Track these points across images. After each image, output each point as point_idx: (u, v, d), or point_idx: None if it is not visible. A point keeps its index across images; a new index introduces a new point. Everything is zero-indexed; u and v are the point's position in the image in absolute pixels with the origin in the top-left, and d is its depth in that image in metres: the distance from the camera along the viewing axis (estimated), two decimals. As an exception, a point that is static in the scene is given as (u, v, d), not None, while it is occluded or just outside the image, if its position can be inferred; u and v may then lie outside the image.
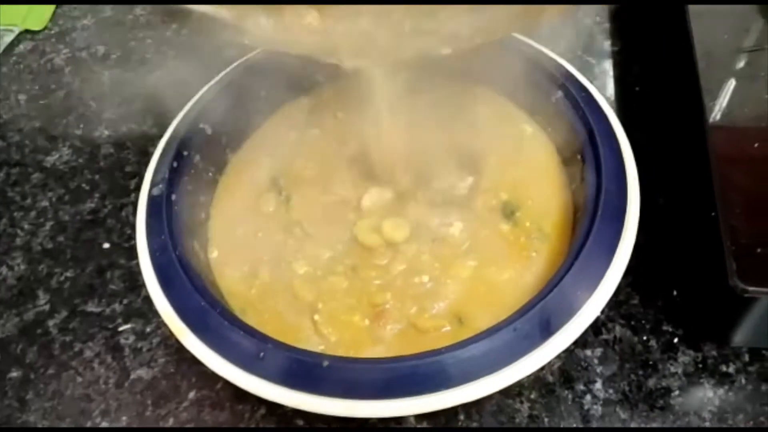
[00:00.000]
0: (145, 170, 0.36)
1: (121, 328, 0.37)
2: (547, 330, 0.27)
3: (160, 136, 0.47)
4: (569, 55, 0.48)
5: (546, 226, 0.33)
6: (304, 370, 0.27)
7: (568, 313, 0.27)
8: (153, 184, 0.34)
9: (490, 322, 0.28)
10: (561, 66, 0.36)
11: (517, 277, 0.32)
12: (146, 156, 0.45)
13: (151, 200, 0.33)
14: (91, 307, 0.38)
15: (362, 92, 0.34)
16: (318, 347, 0.31)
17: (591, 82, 0.36)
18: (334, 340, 0.31)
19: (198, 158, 0.36)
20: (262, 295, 0.33)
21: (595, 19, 0.52)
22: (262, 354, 0.27)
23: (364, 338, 0.31)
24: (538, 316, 0.27)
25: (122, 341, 0.37)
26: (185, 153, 0.35)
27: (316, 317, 0.32)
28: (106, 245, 0.41)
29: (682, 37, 0.38)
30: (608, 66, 0.48)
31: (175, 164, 0.35)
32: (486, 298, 0.31)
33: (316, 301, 0.32)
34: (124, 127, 0.48)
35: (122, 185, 0.44)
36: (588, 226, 0.29)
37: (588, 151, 0.32)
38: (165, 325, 0.30)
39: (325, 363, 0.27)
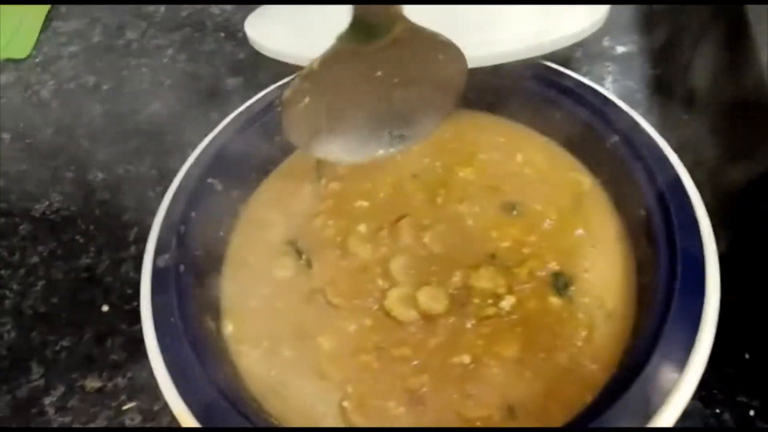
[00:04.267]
0: (144, 220, 0.32)
1: (125, 407, 0.33)
2: (627, 432, 0.23)
3: (160, 179, 0.43)
4: (613, 83, 0.44)
5: (608, 302, 0.29)
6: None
7: (648, 410, 0.23)
8: (158, 252, 0.30)
9: (546, 413, 0.25)
10: (614, 103, 0.32)
11: (574, 359, 0.28)
12: (145, 202, 0.41)
13: (157, 273, 0.29)
14: (91, 382, 0.34)
15: None
16: None
17: (644, 117, 0.32)
18: None
19: (208, 219, 0.32)
20: (285, 376, 0.29)
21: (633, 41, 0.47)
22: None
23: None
24: (617, 415, 0.23)
25: (128, 422, 0.33)
26: (193, 214, 0.31)
27: (345, 403, 0.28)
28: (105, 307, 0.37)
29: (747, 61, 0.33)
30: (654, 92, 0.44)
31: (182, 228, 0.30)
32: (538, 383, 0.27)
33: (345, 383, 0.28)
34: (120, 169, 0.44)
35: (120, 237, 0.40)
36: (666, 301, 0.25)
37: (654, 208, 0.28)
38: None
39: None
